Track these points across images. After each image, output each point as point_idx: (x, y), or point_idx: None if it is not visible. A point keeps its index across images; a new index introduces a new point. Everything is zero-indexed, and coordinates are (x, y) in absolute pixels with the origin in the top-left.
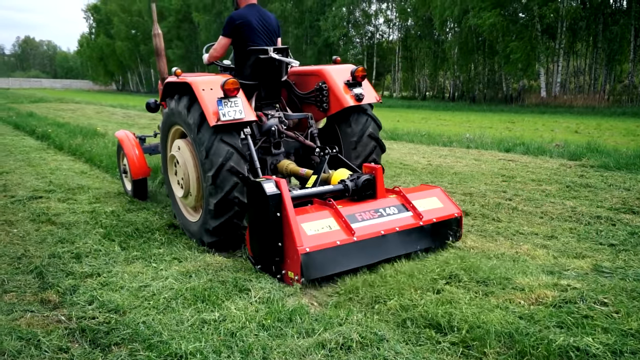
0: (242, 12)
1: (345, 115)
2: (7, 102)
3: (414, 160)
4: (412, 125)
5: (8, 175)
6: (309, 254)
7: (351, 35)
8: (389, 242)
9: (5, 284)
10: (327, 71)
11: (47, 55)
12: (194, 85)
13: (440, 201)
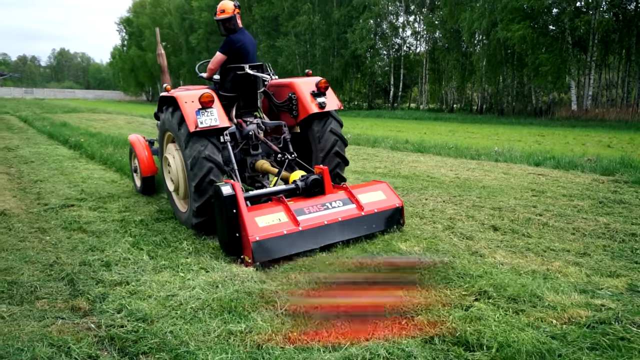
0: (239, 37)
1: (311, 120)
2: (42, 112)
3: (441, 173)
4: (439, 137)
5: (42, 183)
6: (259, 242)
7: (378, 48)
8: (332, 230)
9: (37, 290)
10: (296, 83)
11: (81, 66)
12: (178, 99)
13: (384, 194)
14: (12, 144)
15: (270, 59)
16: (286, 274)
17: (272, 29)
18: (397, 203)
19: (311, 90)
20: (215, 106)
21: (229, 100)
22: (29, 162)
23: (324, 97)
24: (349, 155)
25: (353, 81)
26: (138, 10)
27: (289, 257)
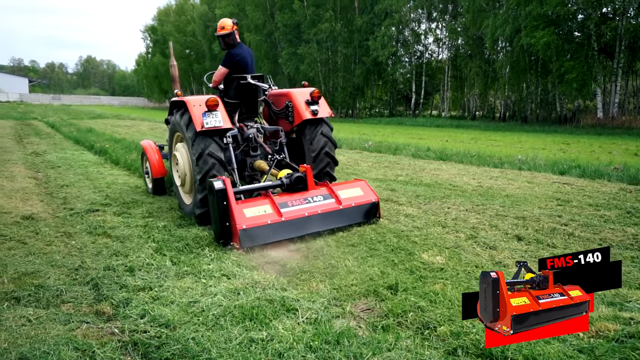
0: (238, 51)
1: (304, 126)
2: (69, 118)
3: (463, 182)
4: (462, 145)
5: (68, 188)
6: (245, 230)
7: (400, 55)
8: (312, 221)
9: (63, 294)
10: (292, 93)
11: (107, 73)
12: (187, 102)
13: (362, 190)
14: (39, 149)
15: (292, 66)
16: (308, 282)
17: (294, 36)
18: (374, 198)
19: (305, 99)
20: (220, 109)
21: (232, 106)
22: (55, 167)
23: (317, 105)
24: (370, 163)
25: (374, 88)
26: (162, 18)
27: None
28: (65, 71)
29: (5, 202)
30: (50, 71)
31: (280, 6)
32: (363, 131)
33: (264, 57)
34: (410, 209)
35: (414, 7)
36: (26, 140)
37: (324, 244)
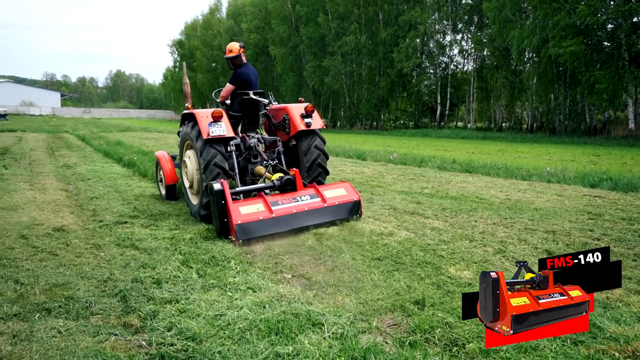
0: (244, 70)
1: (300, 136)
2: (99, 131)
3: (490, 195)
4: (488, 157)
5: (97, 200)
6: (241, 225)
7: (424, 66)
8: (299, 217)
9: (92, 306)
10: (289, 107)
11: (135, 87)
12: (196, 114)
13: (345, 191)
14: (70, 162)
15: (316, 79)
16: (333, 296)
17: (319, 49)
18: (356, 197)
19: (300, 112)
20: (224, 120)
21: (236, 119)
22: (85, 180)
23: (310, 118)
24: (395, 175)
25: (399, 100)
26: (189, 32)
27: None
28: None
29: (37, 214)
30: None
31: (305, 20)
32: (388, 143)
33: (288, 70)
34: (436, 222)
35: (439, 19)
36: (58, 153)
37: (350, 257)
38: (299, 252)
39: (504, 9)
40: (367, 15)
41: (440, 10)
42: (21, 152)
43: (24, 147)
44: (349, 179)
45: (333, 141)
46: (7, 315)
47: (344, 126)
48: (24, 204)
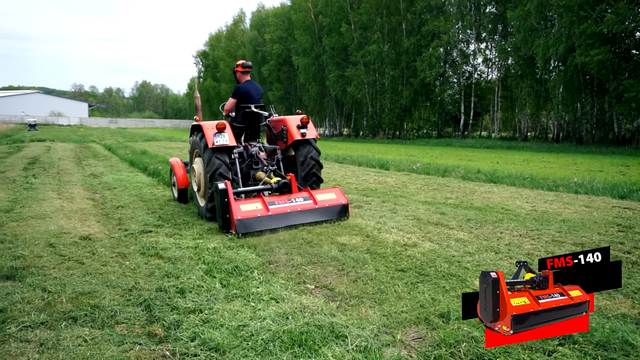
0: (245, 85)
1: (296, 145)
2: (125, 141)
3: (516, 205)
4: (513, 167)
5: (123, 209)
6: (241, 220)
7: (448, 76)
8: (292, 216)
9: (117, 314)
10: (287, 119)
11: (160, 97)
12: (203, 126)
13: (335, 195)
14: (97, 171)
15: (339, 88)
16: (357, 308)
17: (342, 59)
18: (344, 201)
19: (297, 124)
20: (227, 131)
21: (239, 130)
22: (111, 189)
23: (305, 129)
24: (419, 185)
25: (422, 109)
26: (214, 43)
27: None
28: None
29: (65, 223)
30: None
31: (328, 30)
32: (411, 153)
33: (311, 80)
34: (461, 234)
35: (463, 28)
36: (85, 163)
37: (373, 268)
38: (322, 262)
39: (529, 18)
40: (390, 24)
41: (463, 19)
42: (50, 161)
43: (53, 157)
44: (372, 189)
45: (355, 151)
46: (34, 323)
47: (367, 135)
48: (52, 213)
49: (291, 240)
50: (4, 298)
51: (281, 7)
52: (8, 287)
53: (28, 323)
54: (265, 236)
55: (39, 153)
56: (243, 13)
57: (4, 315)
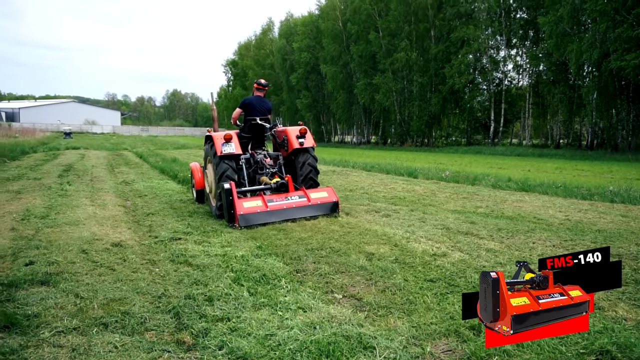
0: (251, 99)
1: (296, 153)
2: (156, 149)
3: (549, 215)
4: (545, 175)
5: (153, 216)
6: (243, 215)
7: (477, 82)
8: (288, 212)
9: (147, 321)
10: (288, 130)
11: (190, 106)
12: (213, 137)
13: (327, 193)
14: (129, 179)
15: (367, 96)
16: (385, 319)
17: (370, 66)
18: (335, 199)
19: (296, 134)
20: (233, 141)
21: (246, 139)
22: (142, 196)
23: (304, 138)
24: (448, 193)
25: (451, 117)
26: (243, 52)
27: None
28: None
29: (97, 230)
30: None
31: (356, 37)
32: (439, 160)
33: (339, 88)
34: (491, 244)
35: (492, 34)
36: (117, 170)
37: (402, 278)
38: (350, 272)
39: (561, 23)
40: (418, 31)
41: (493, 25)
42: (84, 168)
43: (86, 164)
44: (400, 197)
45: (383, 158)
46: (67, 328)
47: (395, 143)
48: (85, 219)
49: (319, 249)
50: (38, 303)
51: (309, 15)
52: (42, 292)
53: (61, 328)
54: (294, 245)
55: (73, 160)
56: (272, 22)
57: (38, 320)
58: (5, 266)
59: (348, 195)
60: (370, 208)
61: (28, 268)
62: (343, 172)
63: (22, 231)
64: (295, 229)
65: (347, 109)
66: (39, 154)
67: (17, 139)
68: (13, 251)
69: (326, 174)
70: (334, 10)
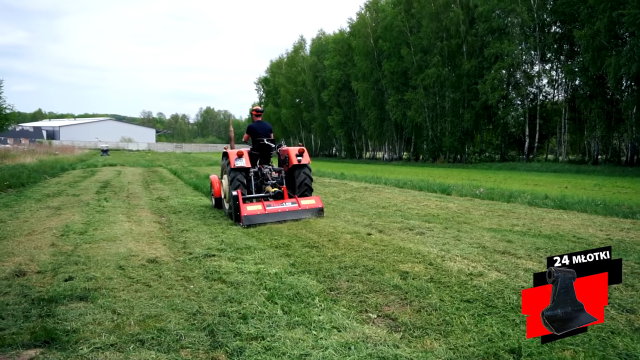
0: (253, 125)
1: (295, 168)
2: (189, 165)
3: (589, 234)
4: (584, 192)
5: (187, 233)
6: (246, 216)
7: (511, 98)
8: (282, 214)
9: (182, 339)
10: (289, 150)
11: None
12: (229, 153)
13: (315, 201)
14: (163, 195)
15: (398, 113)
16: (421, 340)
17: (401, 83)
18: (320, 205)
19: (295, 153)
20: (244, 157)
21: (256, 156)
22: (177, 212)
23: (301, 156)
24: (483, 211)
25: (484, 132)
26: (275, 70)
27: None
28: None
29: (133, 245)
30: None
31: (388, 54)
32: (473, 177)
33: (370, 104)
34: (530, 263)
35: (526, 49)
36: (152, 187)
37: (437, 298)
38: (384, 290)
39: (598, 36)
40: (450, 47)
41: (527, 40)
42: (120, 185)
43: (123, 181)
44: (433, 214)
45: (415, 175)
46: (105, 344)
47: (427, 159)
48: (122, 235)
49: (352, 267)
50: (77, 319)
51: (340, 33)
52: (81, 307)
53: (99, 344)
54: (327, 263)
55: (110, 177)
56: (303, 40)
57: (77, 335)
58: (46, 281)
59: (381, 212)
60: (403, 225)
61: (67, 283)
62: (375, 189)
63: (61, 247)
64: (328, 246)
65: (379, 125)
66: (78, 170)
67: (57, 156)
68: (53, 266)
69: (358, 191)
70: (365, 27)
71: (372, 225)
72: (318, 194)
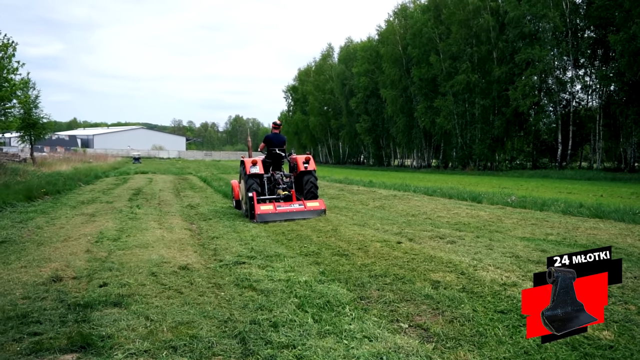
0: (269, 135)
1: (303, 174)
2: (219, 173)
3: (628, 244)
4: (620, 201)
5: (218, 240)
6: (260, 214)
7: (543, 104)
8: (290, 214)
9: (214, 346)
10: (297, 158)
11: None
12: (245, 161)
13: (319, 203)
14: (193, 202)
15: (427, 120)
16: (454, 351)
17: (430, 90)
18: (323, 207)
19: (302, 160)
20: (258, 164)
21: (269, 164)
22: (207, 220)
23: (308, 164)
24: (515, 219)
25: (515, 139)
26: (303, 78)
27: None
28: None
29: (165, 252)
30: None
31: (417, 61)
32: (504, 185)
33: (399, 112)
34: None
35: (559, 55)
36: (183, 194)
37: (470, 308)
38: (415, 300)
39: (635, 41)
40: (480, 54)
41: (559, 45)
42: (151, 192)
43: (154, 188)
44: (464, 223)
45: (445, 182)
46: (139, 350)
47: (456, 167)
48: (154, 242)
49: (382, 276)
50: (111, 324)
51: (368, 41)
52: (115, 313)
53: (133, 350)
54: (357, 271)
55: (142, 185)
56: (331, 48)
57: (111, 341)
58: (82, 287)
59: (410, 221)
60: (434, 234)
61: (102, 289)
62: (404, 197)
63: (96, 253)
64: (358, 254)
65: (407, 132)
66: (111, 178)
67: (90, 164)
68: (88, 272)
69: (387, 199)
70: (393, 34)
71: (402, 234)
72: (346, 201)
